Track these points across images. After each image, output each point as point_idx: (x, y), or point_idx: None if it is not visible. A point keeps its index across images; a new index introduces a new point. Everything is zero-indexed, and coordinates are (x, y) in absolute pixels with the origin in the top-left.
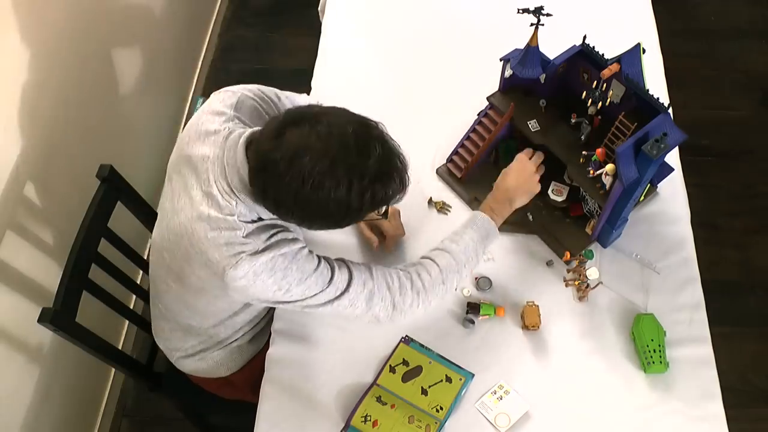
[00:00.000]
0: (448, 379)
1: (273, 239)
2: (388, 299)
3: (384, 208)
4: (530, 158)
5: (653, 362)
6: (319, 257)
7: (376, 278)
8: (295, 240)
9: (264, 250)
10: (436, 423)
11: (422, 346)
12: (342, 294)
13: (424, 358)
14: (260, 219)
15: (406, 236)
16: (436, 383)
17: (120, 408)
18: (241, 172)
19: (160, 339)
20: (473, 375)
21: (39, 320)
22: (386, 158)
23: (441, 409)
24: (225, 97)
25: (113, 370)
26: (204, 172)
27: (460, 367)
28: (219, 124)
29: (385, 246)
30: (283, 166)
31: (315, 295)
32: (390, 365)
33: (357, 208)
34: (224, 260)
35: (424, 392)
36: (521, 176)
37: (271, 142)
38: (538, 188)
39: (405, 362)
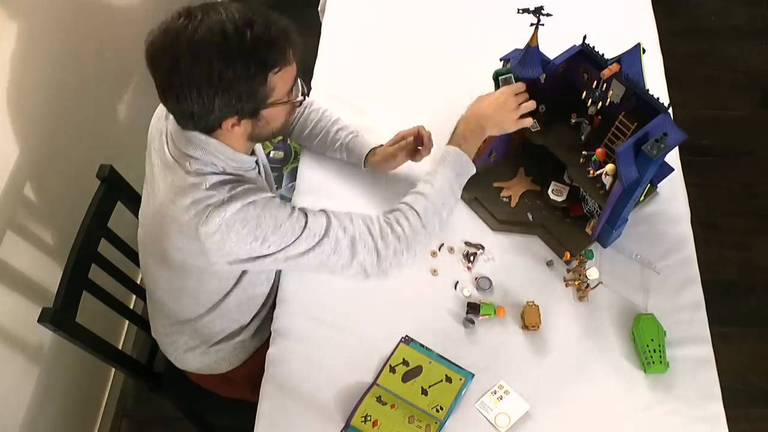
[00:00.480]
0: (448, 379)
1: (238, 189)
2: (371, 245)
3: (301, 90)
4: (516, 95)
5: (653, 362)
6: (293, 207)
7: (356, 224)
8: (262, 189)
9: (230, 200)
10: (436, 423)
11: (422, 346)
12: (322, 239)
13: (424, 358)
14: (222, 173)
15: None
16: (436, 383)
17: (120, 408)
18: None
19: (159, 335)
20: (473, 375)
21: (39, 320)
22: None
23: (441, 409)
24: None
25: (113, 370)
26: (163, 146)
27: (460, 367)
28: None
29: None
30: (161, 42)
31: (293, 242)
32: (390, 365)
33: (244, 50)
34: (194, 219)
35: (424, 392)
36: (499, 108)
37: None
38: (512, 125)
39: (405, 362)
